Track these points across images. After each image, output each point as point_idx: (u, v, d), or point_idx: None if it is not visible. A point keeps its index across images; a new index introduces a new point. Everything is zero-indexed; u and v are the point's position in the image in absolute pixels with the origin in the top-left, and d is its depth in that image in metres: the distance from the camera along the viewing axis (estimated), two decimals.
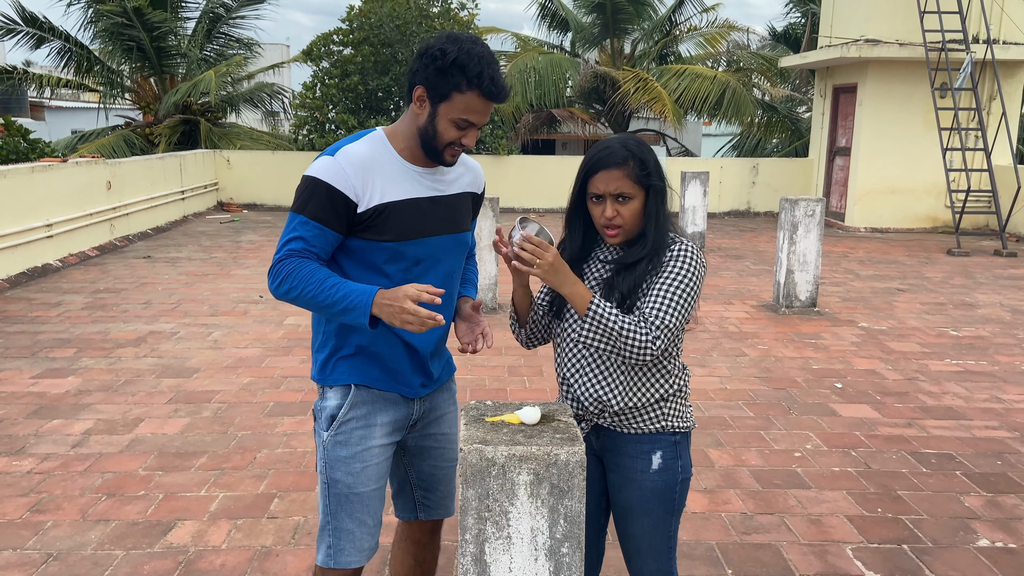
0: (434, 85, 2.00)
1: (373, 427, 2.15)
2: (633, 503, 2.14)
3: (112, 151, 14.80)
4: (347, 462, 2.12)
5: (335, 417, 2.13)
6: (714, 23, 19.52)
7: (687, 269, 2.02)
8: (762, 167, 15.25)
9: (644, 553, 2.16)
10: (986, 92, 12.85)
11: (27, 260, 8.62)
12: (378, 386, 2.15)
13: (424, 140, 2.07)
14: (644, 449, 2.11)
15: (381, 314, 1.95)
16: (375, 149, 2.08)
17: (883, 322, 7.21)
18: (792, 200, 7.33)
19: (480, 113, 2.03)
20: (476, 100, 2.00)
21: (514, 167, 15.24)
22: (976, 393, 5.35)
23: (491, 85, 1.99)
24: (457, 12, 15.64)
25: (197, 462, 4.10)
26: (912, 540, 3.43)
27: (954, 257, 10.86)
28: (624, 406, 2.09)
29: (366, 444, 2.14)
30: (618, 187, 2.04)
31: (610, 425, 2.14)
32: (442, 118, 2.02)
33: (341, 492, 2.13)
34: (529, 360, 5.87)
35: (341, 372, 2.14)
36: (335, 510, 2.14)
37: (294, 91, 18.09)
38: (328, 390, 2.16)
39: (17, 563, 3.15)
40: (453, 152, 2.08)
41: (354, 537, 2.16)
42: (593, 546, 2.28)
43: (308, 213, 2.00)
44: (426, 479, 2.35)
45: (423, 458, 2.33)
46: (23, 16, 15.33)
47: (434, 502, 2.38)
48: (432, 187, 2.14)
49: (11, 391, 5.09)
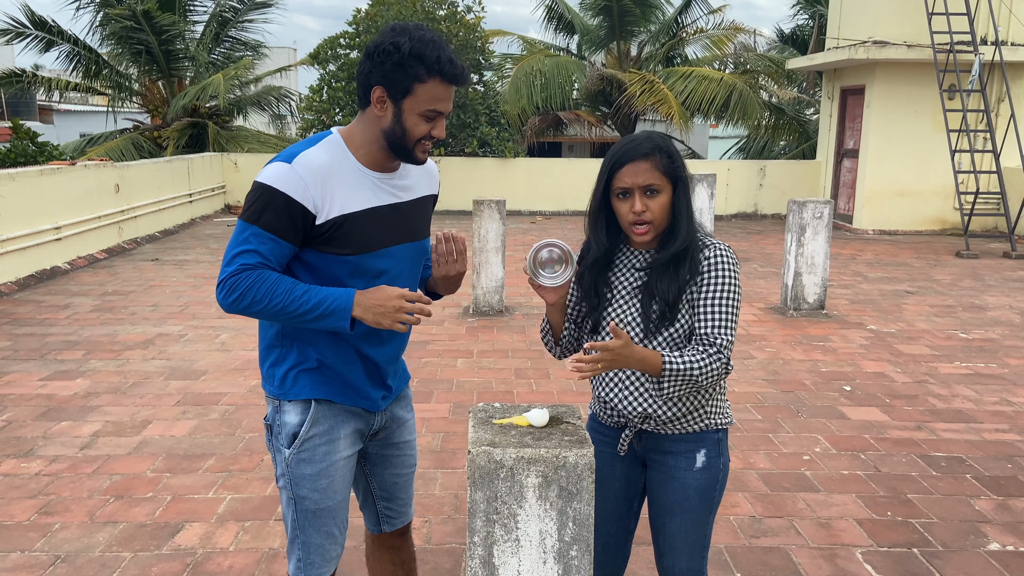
0: (393, 82, 1.90)
1: (336, 441, 2.09)
2: (675, 500, 2.11)
3: (120, 154, 14.86)
4: (313, 479, 2.07)
5: (296, 435, 2.06)
6: (721, 25, 19.49)
7: (730, 277, 1.99)
8: (769, 169, 15.22)
9: (679, 550, 2.14)
10: (995, 94, 12.80)
11: (36, 262, 8.65)
12: (340, 400, 2.09)
13: (392, 141, 1.97)
14: (689, 448, 2.10)
15: (365, 315, 1.90)
16: (333, 156, 1.96)
17: (892, 325, 7.18)
18: (800, 202, 7.30)
19: (445, 100, 1.94)
20: (439, 87, 1.92)
21: (520, 170, 15.24)
22: (986, 396, 5.31)
23: (451, 67, 1.90)
24: (464, 15, 15.65)
25: (205, 464, 4.10)
26: (922, 544, 3.41)
27: (963, 259, 10.81)
28: (668, 416, 2.07)
29: (331, 459, 2.09)
30: (647, 179, 1.98)
31: (654, 429, 2.11)
32: (409, 114, 1.93)
33: (308, 508, 2.09)
34: (536, 363, 5.86)
35: (302, 386, 2.06)
36: (303, 525, 2.11)
37: (301, 94, 18.11)
38: (286, 404, 2.07)
39: (25, 565, 3.15)
40: (424, 148, 1.99)
41: (323, 550, 2.14)
42: (619, 551, 2.26)
43: (263, 224, 1.89)
44: (388, 488, 2.32)
45: (384, 467, 2.30)
46: (32, 20, 15.41)
47: (395, 512, 2.36)
48: (392, 194, 2.05)
49: (20, 393, 5.10)
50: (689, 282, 2.00)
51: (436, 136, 1.98)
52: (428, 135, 1.96)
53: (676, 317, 2.00)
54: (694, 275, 2.00)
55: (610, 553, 2.25)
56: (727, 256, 2.01)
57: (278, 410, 2.09)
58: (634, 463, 2.19)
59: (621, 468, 2.19)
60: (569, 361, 1.99)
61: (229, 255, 1.91)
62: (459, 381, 5.37)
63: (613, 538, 2.24)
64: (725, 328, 1.96)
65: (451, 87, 1.94)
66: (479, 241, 7.23)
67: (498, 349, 6.20)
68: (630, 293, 2.07)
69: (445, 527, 3.47)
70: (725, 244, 2.05)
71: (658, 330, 2.02)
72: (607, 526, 2.22)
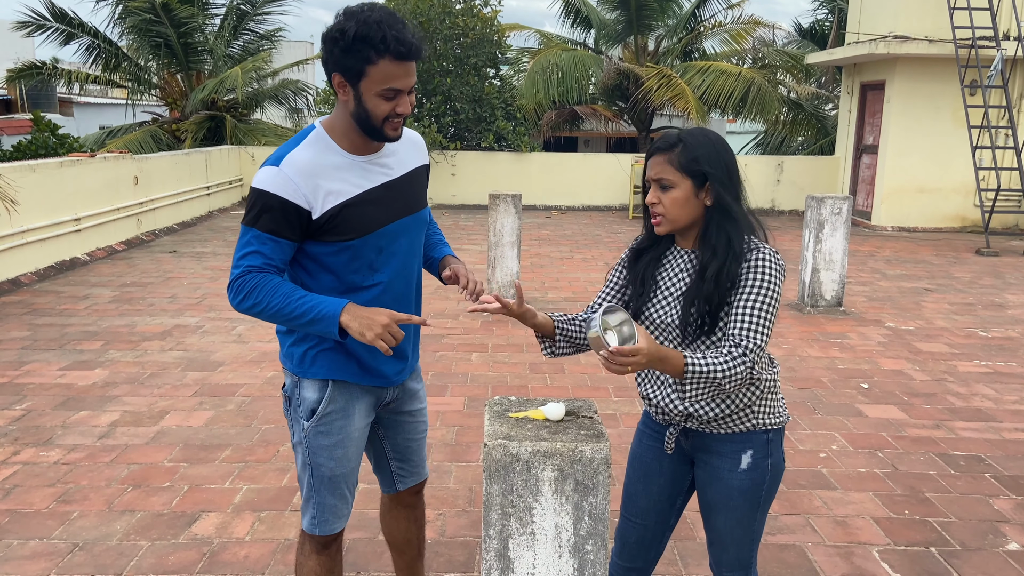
0: (346, 67, 1.95)
1: (352, 415, 2.22)
2: (717, 500, 2.11)
3: (139, 147, 14.96)
4: (329, 449, 2.21)
5: (315, 411, 2.18)
6: (739, 19, 19.35)
7: (769, 281, 1.93)
8: (787, 165, 15.11)
9: (725, 543, 2.15)
10: (1017, 89, 12.64)
11: (56, 254, 8.73)
12: (355, 380, 2.19)
13: (360, 123, 2.02)
14: (735, 448, 2.06)
15: (351, 324, 1.96)
16: (317, 151, 2.04)
17: (910, 322, 7.12)
18: (818, 198, 7.25)
19: (401, 77, 1.96)
20: (391, 66, 1.93)
21: (536, 164, 15.21)
22: (1006, 395, 5.26)
23: (399, 46, 1.91)
24: (480, 8, 15.62)
25: (221, 455, 4.13)
26: (940, 543, 3.38)
27: (983, 257, 10.70)
28: (712, 416, 2.04)
29: (346, 432, 2.22)
30: (658, 173, 1.98)
31: (699, 428, 2.09)
32: (367, 95, 1.97)
33: (324, 475, 2.23)
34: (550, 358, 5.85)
35: (320, 367, 2.16)
36: (318, 488, 2.24)
37: (318, 88, 18.16)
38: (305, 381, 2.19)
39: (43, 553, 3.18)
40: (393, 126, 2.03)
41: (336, 509, 2.28)
42: (654, 545, 2.25)
43: (261, 227, 1.99)
44: (401, 451, 2.45)
45: (398, 431, 2.42)
46: (53, 12, 15.53)
47: (409, 471, 2.49)
48: (382, 173, 2.12)
49: (39, 383, 5.15)
50: (730, 290, 1.95)
51: (401, 113, 2.01)
52: (393, 112, 2.00)
53: (716, 327, 1.97)
54: (735, 283, 1.95)
55: (644, 546, 2.24)
56: (770, 260, 1.95)
57: (297, 385, 2.21)
58: (683, 460, 2.18)
59: (668, 464, 2.18)
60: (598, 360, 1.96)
61: (236, 258, 2.03)
62: (474, 375, 5.37)
63: (650, 531, 2.23)
64: (755, 331, 1.90)
65: (404, 63, 1.95)
66: (494, 235, 7.22)
67: (513, 343, 6.20)
68: (674, 297, 2.04)
69: (459, 520, 3.48)
70: (772, 248, 1.99)
71: (696, 337, 1.99)
72: (646, 519, 2.22)
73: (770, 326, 1.92)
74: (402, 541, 2.60)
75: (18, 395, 4.93)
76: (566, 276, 8.92)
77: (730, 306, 1.96)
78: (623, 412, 4.76)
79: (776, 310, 1.95)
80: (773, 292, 1.93)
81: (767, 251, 1.98)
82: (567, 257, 10.17)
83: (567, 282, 8.59)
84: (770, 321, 1.92)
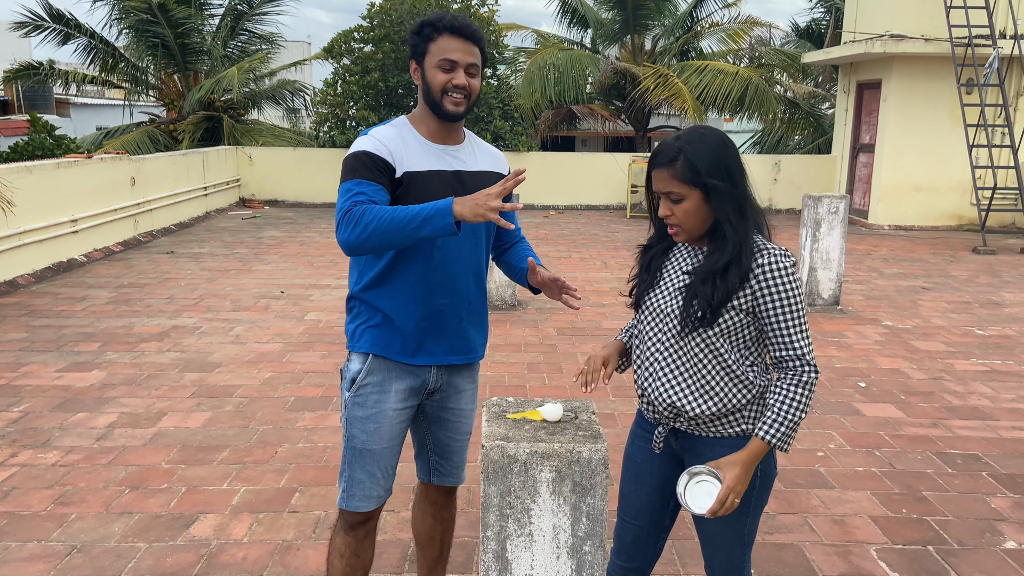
0: (415, 49, 2.26)
1: (388, 393, 2.32)
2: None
3: (136, 147, 14.94)
4: (363, 421, 2.32)
5: (355, 381, 2.33)
6: (736, 19, 19.36)
7: (792, 290, 1.95)
8: (784, 164, 15.12)
9: (716, 547, 2.15)
10: (1013, 88, 12.66)
11: (53, 255, 8.72)
12: (395, 357, 2.31)
13: (427, 101, 2.27)
14: (723, 453, 2.04)
15: (463, 210, 1.99)
16: (400, 130, 2.30)
17: (907, 321, 7.13)
18: (815, 197, 7.26)
19: (458, 51, 2.21)
20: (447, 39, 2.21)
21: (534, 164, 15.21)
22: (1003, 393, 5.27)
23: (454, 21, 2.20)
24: (477, 8, 15.61)
25: (219, 456, 4.13)
26: (937, 542, 3.39)
27: (980, 255, 10.71)
28: (698, 413, 2.03)
29: (380, 407, 2.32)
30: (666, 187, 1.99)
31: (687, 429, 2.08)
32: (429, 69, 2.24)
33: (356, 447, 2.34)
34: (549, 357, 5.86)
35: (364, 341, 2.32)
36: (350, 460, 2.36)
37: (315, 88, 18.13)
38: (353, 354, 2.36)
39: (42, 555, 3.18)
40: (453, 100, 2.23)
41: (364, 486, 2.36)
42: (650, 545, 2.26)
43: (360, 175, 2.17)
44: (441, 447, 2.53)
45: (440, 427, 2.50)
46: (50, 12, 15.50)
47: (446, 470, 2.56)
48: (456, 162, 2.31)
49: (37, 384, 5.15)
50: (739, 287, 1.96)
51: (457, 84, 2.22)
52: (451, 84, 2.22)
53: (717, 321, 1.98)
54: (744, 281, 1.96)
55: (640, 546, 2.25)
56: (783, 266, 1.95)
57: (348, 359, 2.39)
58: (672, 462, 2.17)
59: (659, 466, 2.18)
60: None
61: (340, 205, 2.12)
62: None
63: (645, 532, 2.24)
64: (803, 341, 1.97)
65: (460, 39, 2.22)
66: None
67: (511, 343, 6.20)
68: (678, 289, 2.05)
69: (458, 521, 3.46)
70: (781, 249, 1.99)
71: (695, 330, 1.99)
72: (640, 520, 2.22)
73: (807, 327, 2.01)
74: (425, 538, 2.66)
75: (16, 397, 4.92)
76: (564, 275, 8.90)
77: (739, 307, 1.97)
78: (621, 412, 4.76)
79: (805, 310, 2.00)
80: (797, 297, 1.97)
81: (777, 254, 1.97)
82: (565, 256, 10.17)
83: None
84: (805, 323, 1.99)
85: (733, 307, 1.97)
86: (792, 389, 1.95)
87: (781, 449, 1.95)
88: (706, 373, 2.01)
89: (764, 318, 1.98)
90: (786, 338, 1.97)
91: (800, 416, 1.95)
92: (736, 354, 2.01)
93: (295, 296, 7.69)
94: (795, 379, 1.96)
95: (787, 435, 1.94)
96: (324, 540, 3.32)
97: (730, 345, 2.00)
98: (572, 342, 6.28)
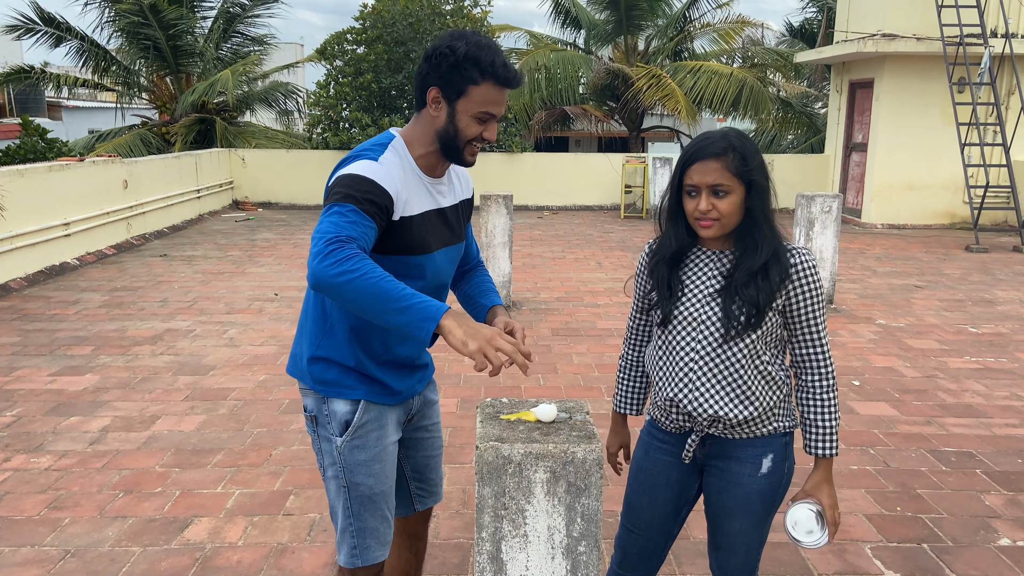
0: (449, 83, 1.97)
1: (386, 427, 2.15)
2: (734, 505, 2.08)
3: (129, 150, 14.90)
4: (368, 464, 2.11)
5: (349, 423, 2.09)
6: (728, 19, 19.42)
7: (819, 290, 2.01)
8: (777, 163, 15.15)
9: (735, 548, 2.12)
10: (1005, 86, 12.71)
11: (45, 258, 8.69)
12: (382, 400, 2.13)
13: (444, 141, 2.03)
14: (755, 453, 2.05)
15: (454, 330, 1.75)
16: (401, 160, 2.04)
17: (901, 319, 7.15)
18: (808, 196, 7.27)
19: (498, 103, 2.00)
20: (492, 90, 1.98)
21: (527, 165, 15.22)
22: (996, 391, 5.29)
23: (505, 71, 1.96)
24: (470, 9, 15.61)
25: (213, 459, 4.11)
26: (932, 539, 3.39)
27: (973, 253, 10.75)
28: (741, 419, 2.02)
29: (382, 444, 2.14)
30: (715, 179, 1.92)
31: (721, 434, 2.06)
32: (462, 115, 1.99)
33: (364, 494, 2.12)
34: (543, 358, 5.86)
35: (348, 389, 2.09)
36: (358, 511, 2.13)
37: (308, 90, 18.12)
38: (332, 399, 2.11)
39: (35, 560, 3.17)
40: (473, 151, 2.05)
41: (379, 533, 2.17)
42: (657, 556, 2.22)
43: (360, 206, 1.87)
44: (420, 469, 2.40)
45: (417, 449, 2.37)
46: (41, 16, 15.46)
47: (427, 491, 2.43)
48: (441, 198, 2.13)
49: (29, 388, 5.13)
50: (780, 286, 1.97)
51: (487, 139, 2.04)
52: (480, 137, 2.02)
53: (763, 322, 1.97)
54: (784, 279, 1.97)
55: (646, 557, 2.21)
56: (813, 265, 2.00)
57: (323, 401, 2.11)
58: (692, 471, 2.14)
59: (676, 476, 2.14)
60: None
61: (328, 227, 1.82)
62: (466, 376, 5.37)
63: (652, 542, 2.19)
64: (827, 340, 2.05)
65: (504, 90, 2.00)
66: (486, 236, 7.22)
67: None
68: (708, 295, 2.01)
69: (452, 522, 3.47)
70: (806, 250, 2.01)
71: (740, 335, 1.97)
72: (650, 531, 2.18)
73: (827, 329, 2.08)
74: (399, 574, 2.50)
75: (8, 401, 4.90)
76: (558, 276, 8.92)
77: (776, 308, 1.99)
78: None
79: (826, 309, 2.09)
80: (823, 297, 2.04)
81: (805, 255, 2.00)
82: (559, 257, 10.17)
83: (559, 282, 8.60)
84: (826, 325, 2.08)
85: (771, 307, 1.97)
86: (827, 397, 2.04)
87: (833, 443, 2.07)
88: (746, 378, 1.99)
89: (795, 317, 2.01)
90: (814, 336, 2.03)
91: (835, 411, 2.05)
92: (769, 355, 2.02)
93: (289, 298, 7.68)
94: (824, 383, 2.04)
95: (834, 434, 2.06)
96: (319, 543, 3.31)
97: (765, 347, 2.01)
98: (567, 342, 6.28)
